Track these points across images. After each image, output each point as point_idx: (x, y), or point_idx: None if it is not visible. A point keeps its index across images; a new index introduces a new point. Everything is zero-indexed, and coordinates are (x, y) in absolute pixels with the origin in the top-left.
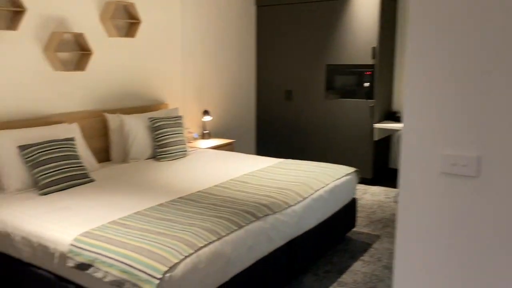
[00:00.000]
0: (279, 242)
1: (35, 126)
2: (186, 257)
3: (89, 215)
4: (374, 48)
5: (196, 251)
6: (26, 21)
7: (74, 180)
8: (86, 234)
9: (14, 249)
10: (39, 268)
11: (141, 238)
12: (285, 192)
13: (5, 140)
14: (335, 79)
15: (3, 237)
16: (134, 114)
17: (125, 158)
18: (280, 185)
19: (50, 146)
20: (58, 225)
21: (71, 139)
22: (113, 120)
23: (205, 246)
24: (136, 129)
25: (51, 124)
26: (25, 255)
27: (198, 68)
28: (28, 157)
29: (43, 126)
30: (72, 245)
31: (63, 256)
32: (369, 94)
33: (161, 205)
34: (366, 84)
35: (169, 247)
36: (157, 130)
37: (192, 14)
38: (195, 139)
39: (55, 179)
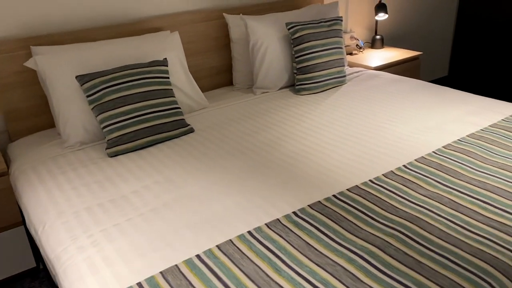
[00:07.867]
0: None
1: (111, 38)
2: None
3: (153, 231)
4: None
5: None
6: None
7: (159, 133)
8: None
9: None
10: None
11: None
12: None
13: (60, 63)
14: None
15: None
16: (266, 15)
17: (250, 86)
18: None
19: (123, 76)
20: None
21: (161, 62)
22: (234, 25)
23: None
24: (266, 41)
25: (139, 34)
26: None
27: None
28: (91, 95)
29: (124, 38)
30: None
31: None
32: None
33: (298, 214)
34: None
35: None
36: (298, 44)
37: None
38: (360, 49)
39: (127, 133)
